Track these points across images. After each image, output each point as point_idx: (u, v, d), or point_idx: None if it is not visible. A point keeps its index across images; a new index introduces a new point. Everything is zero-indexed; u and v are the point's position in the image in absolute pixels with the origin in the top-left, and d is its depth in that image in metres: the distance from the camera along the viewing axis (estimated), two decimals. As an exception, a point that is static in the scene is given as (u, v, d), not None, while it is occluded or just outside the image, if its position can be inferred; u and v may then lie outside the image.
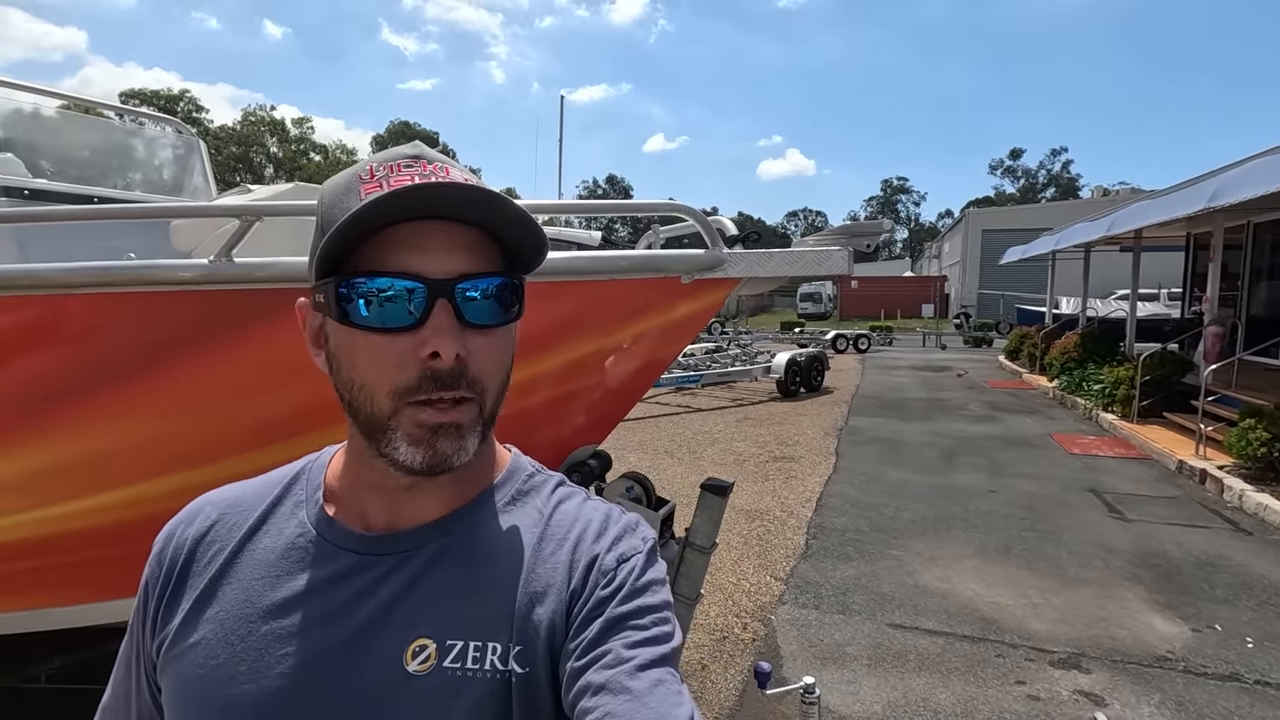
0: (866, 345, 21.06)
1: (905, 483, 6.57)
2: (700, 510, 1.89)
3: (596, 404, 1.94)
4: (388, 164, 0.61)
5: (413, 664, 0.60)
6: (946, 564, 4.61)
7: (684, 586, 1.90)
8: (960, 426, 9.31)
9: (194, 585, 0.66)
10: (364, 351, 0.59)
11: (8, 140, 2.85)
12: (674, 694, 0.56)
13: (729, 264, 1.68)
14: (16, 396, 1.71)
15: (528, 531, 0.67)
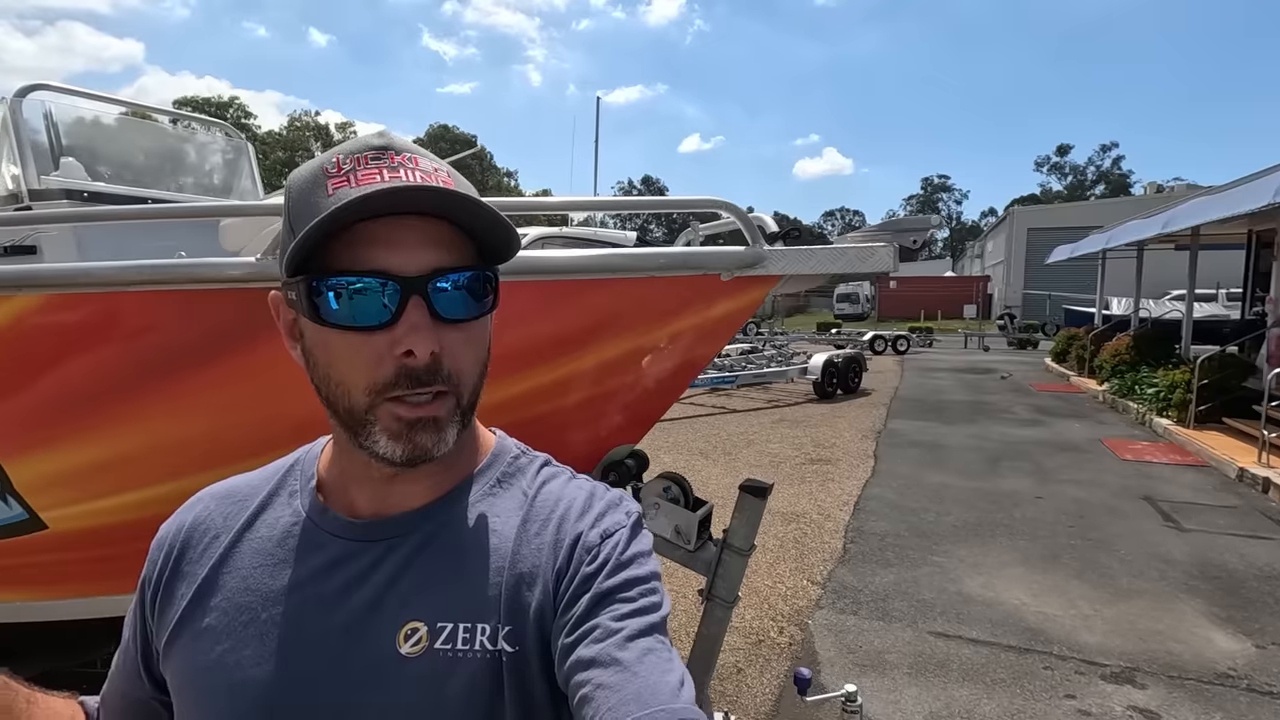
0: (905, 347, 20.64)
1: (947, 487, 6.41)
2: (739, 512, 1.86)
3: (633, 403, 1.92)
4: (354, 156, 0.60)
5: (405, 646, 0.61)
6: (990, 571, 4.47)
7: (721, 589, 1.87)
8: (1005, 430, 9.05)
9: (193, 575, 0.68)
10: (339, 349, 0.60)
11: (70, 146, 2.98)
12: (664, 661, 0.56)
13: (770, 261, 1.64)
14: (73, 391, 1.76)
15: (513, 513, 0.68)
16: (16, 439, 1.81)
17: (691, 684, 0.57)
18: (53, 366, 1.71)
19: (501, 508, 0.69)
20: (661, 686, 0.54)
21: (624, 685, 0.54)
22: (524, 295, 1.67)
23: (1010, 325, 24.72)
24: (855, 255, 1.60)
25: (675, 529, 1.90)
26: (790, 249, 1.64)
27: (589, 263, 1.63)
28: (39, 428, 1.79)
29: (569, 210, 1.99)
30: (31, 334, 1.69)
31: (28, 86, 2.84)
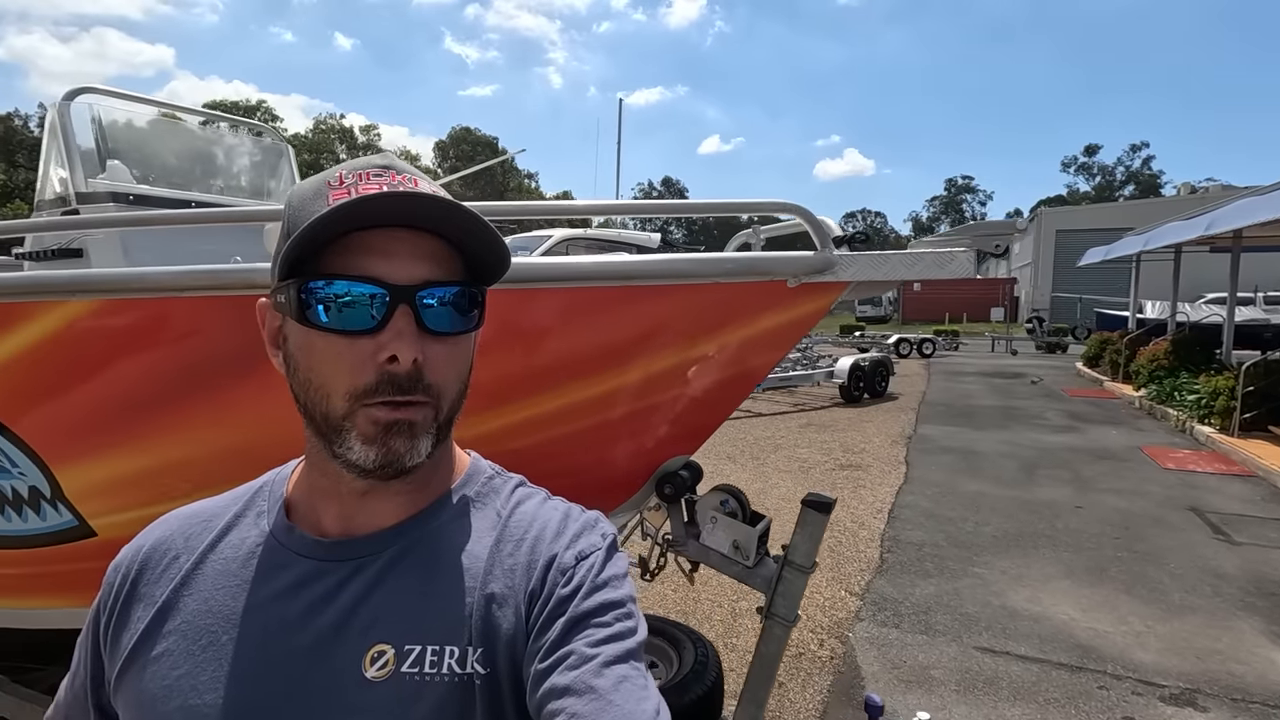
0: (931, 350, 20.33)
1: (983, 495, 6.26)
2: (801, 527, 1.79)
3: (689, 413, 1.86)
4: (357, 172, 0.62)
5: (371, 670, 0.59)
6: (1035, 584, 4.34)
7: (781, 607, 1.80)
8: (1038, 437, 8.84)
9: (151, 598, 0.66)
10: (323, 353, 0.60)
11: (115, 148, 2.98)
12: (639, 689, 0.56)
13: (840, 267, 1.57)
14: (122, 398, 1.74)
15: (486, 534, 0.67)
16: (67, 446, 1.79)
17: (667, 713, 0.56)
18: (103, 373, 1.69)
19: (475, 528, 0.67)
20: (638, 715, 0.53)
21: (599, 715, 0.53)
22: (583, 301, 1.61)
23: (1039, 328, 24.25)
24: (933, 260, 1.52)
25: (733, 544, 1.83)
26: (862, 254, 1.57)
27: (651, 269, 1.57)
28: (89, 435, 1.77)
29: (629, 214, 1.93)
30: (83, 340, 1.67)
31: (75, 90, 2.85)
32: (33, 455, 1.78)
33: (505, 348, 1.63)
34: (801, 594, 1.81)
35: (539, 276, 1.56)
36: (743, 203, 1.67)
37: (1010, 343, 22.50)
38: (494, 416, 1.70)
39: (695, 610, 3.95)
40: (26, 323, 1.67)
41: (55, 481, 1.80)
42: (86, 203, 2.70)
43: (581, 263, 1.59)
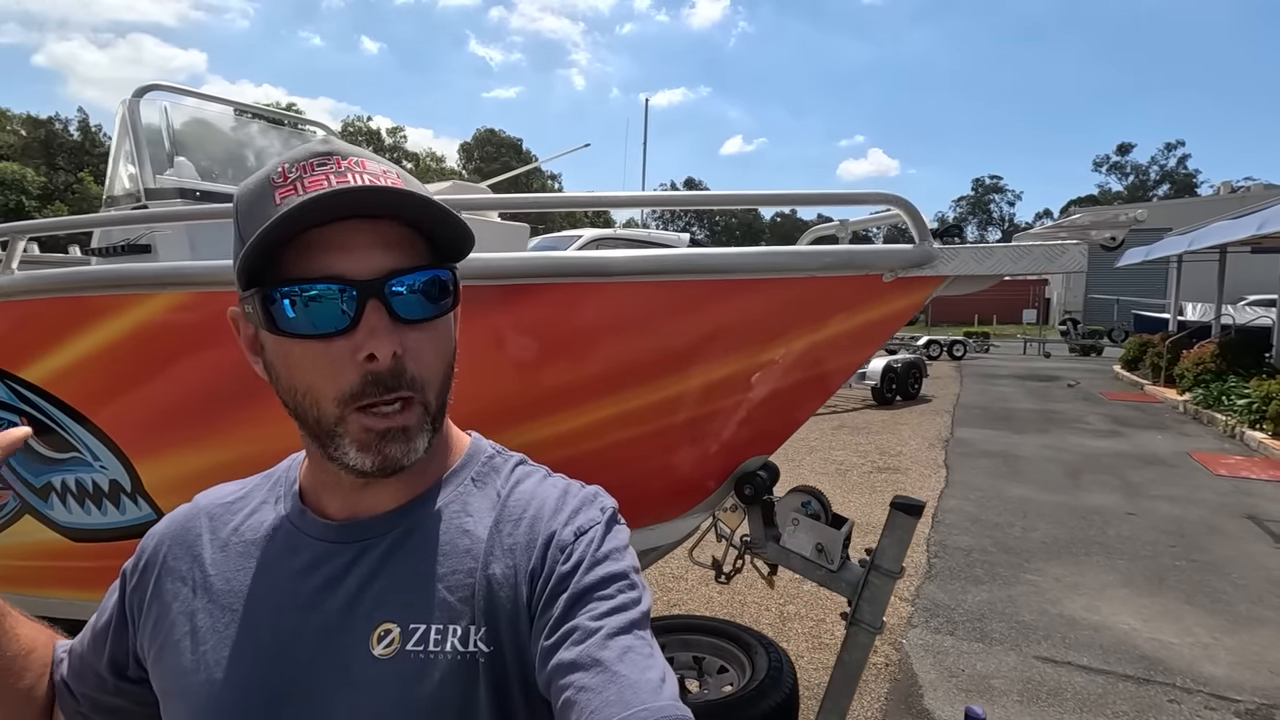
0: (962, 352, 20.03)
1: (1029, 500, 6.11)
2: (889, 531, 1.73)
3: (770, 412, 1.81)
4: (300, 164, 0.59)
5: (378, 648, 0.61)
6: (1092, 593, 4.21)
7: (867, 613, 1.74)
8: (1081, 441, 8.63)
9: (181, 574, 0.69)
10: (301, 359, 0.59)
11: (181, 145, 3.01)
12: (644, 658, 0.56)
13: (940, 261, 1.52)
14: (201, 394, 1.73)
15: (486, 513, 0.68)
16: (148, 440, 1.79)
17: (674, 679, 0.56)
18: (185, 368, 1.68)
19: (475, 508, 0.68)
20: (643, 685, 0.53)
21: (605, 686, 0.53)
22: (672, 296, 1.57)
23: (1073, 331, 23.74)
24: (1042, 255, 1.46)
25: (817, 547, 1.78)
26: (964, 247, 1.51)
27: (745, 263, 1.53)
28: (169, 429, 1.77)
29: (703, 206, 1.88)
30: (166, 334, 1.67)
31: (144, 87, 2.88)
32: (115, 449, 1.78)
33: (597, 342, 1.59)
34: (888, 600, 1.75)
35: (631, 270, 1.53)
36: (838, 194, 1.62)
37: (1043, 345, 22.07)
38: (579, 414, 1.67)
39: (742, 614, 3.90)
40: (112, 316, 1.68)
41: (135, 475, 1.80)
42: (156, 198, 2.73)
43: (676, 256, 1.55)
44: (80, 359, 1.74)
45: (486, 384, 1.61)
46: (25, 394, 1.79)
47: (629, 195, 1.90)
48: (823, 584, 1.79)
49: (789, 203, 1.61)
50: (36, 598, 2.14)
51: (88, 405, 1.77)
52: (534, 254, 1.66)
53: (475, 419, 1.63)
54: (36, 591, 2.12)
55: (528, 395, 1.67)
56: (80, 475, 1.84)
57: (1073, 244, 1.43)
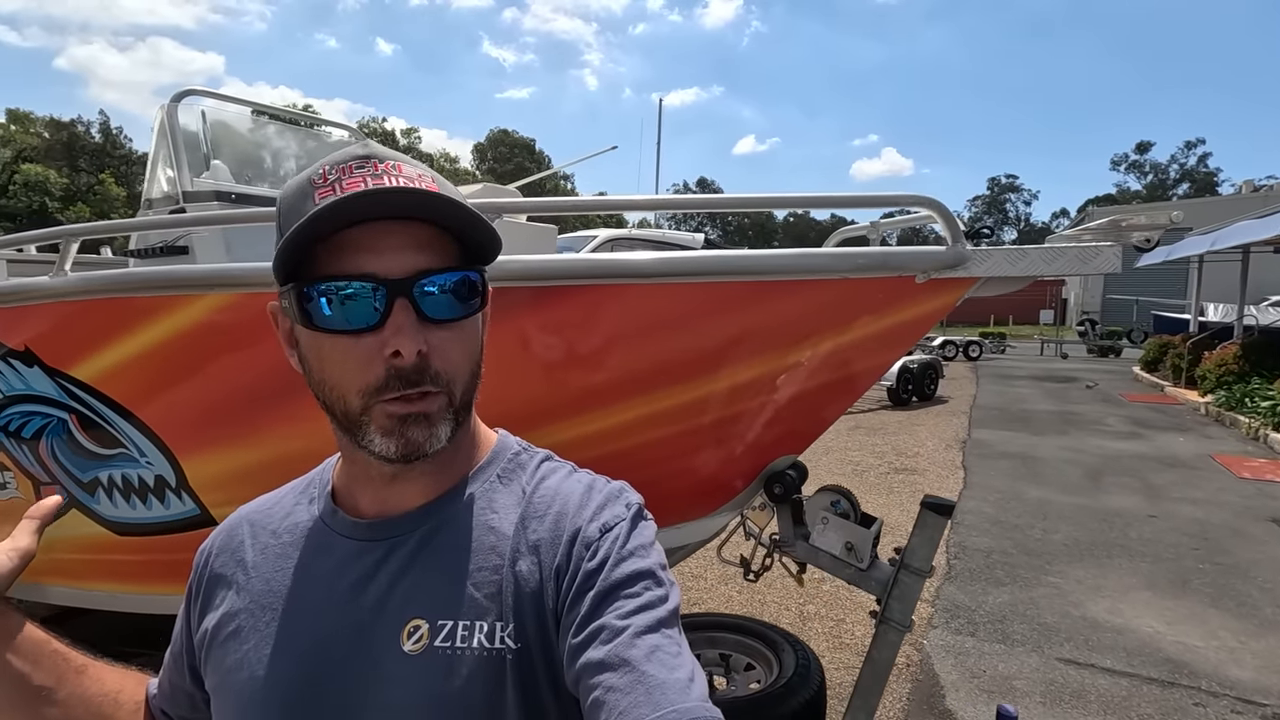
0: (978, 353, 19.87)
1: (1048, 502, 6.07)
2: (919, 530, 1.75)
3: (799, 412, 1.83)
4: (340, 166, 0.62)
5: (408, 644, 0.62)
6: (1115, 595, 4.19)
7: (896, 611, 1.76)
8: (1101, 443, 8.55)
9: (227, 580, 0.72)
10: (330, 353, 0.62)
11: (217, 149, 3.08)
12: (671, 657, 0.56)
13: (973, 262, 1.53)
14: (245, 392, 1.78)
15: (512, 509, 0.69)
16: (192, 437, 1.84)
17: (703, 677, 0.56)
18: (230, 366, 1.73)
19: (501, 504, 0.69)
20: (671, 684, 0.54)
21: (633, 687, 0.53)
22: (705, 297, 1.60)
23: (1091, 331, 23.49)
24: (1076, 256, 1.47)
25: (846, 545, 1.79)
26: (997, 249, 1.52)
27: (777, 263, 1.55)
28: (214, 426, 1.81)
29: (732, 209, 1.91)
30: (212, 334, 1.71)
31: (182, 91, 2.94)
32: (161, 445, 1.83)
33: (627, 343, 1.62)
34: (917, 599, 1.77)
35: (664, 272, 1.55)
36: (870, 196, 1.64)
37: (1060, 346, 21.85)
38: (609, 414, 1.70)
39: (762, 613, 3.91)
40: (158, 317, 1.73)
41: (180, 471, 1.85)
42: (193, 201, 2.79)
43: (709, 258, 1.58)
44: (128, 358, 1.79)
45: (517, 385, 1.64)
46: (75, 391, 1.85)
47: (653, 198, 1.93)
48: (852, 582, 1.81)
49: (816, 205, 1.63)
50: (80, 589, 2.20)
51: (135, 402, 1.82)
52: (565, 256, 1.69)
53: (505, 420, 1.66)
54: (81, 584, 2.18)
55: (558, 396, 1.70)
56: (126, 471, 1.89)
57: (1107, 245, 1.44)
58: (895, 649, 1.78)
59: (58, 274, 1.74)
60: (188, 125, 2.95)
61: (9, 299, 1.88)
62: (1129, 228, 1.46)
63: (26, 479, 2.08)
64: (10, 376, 1.94)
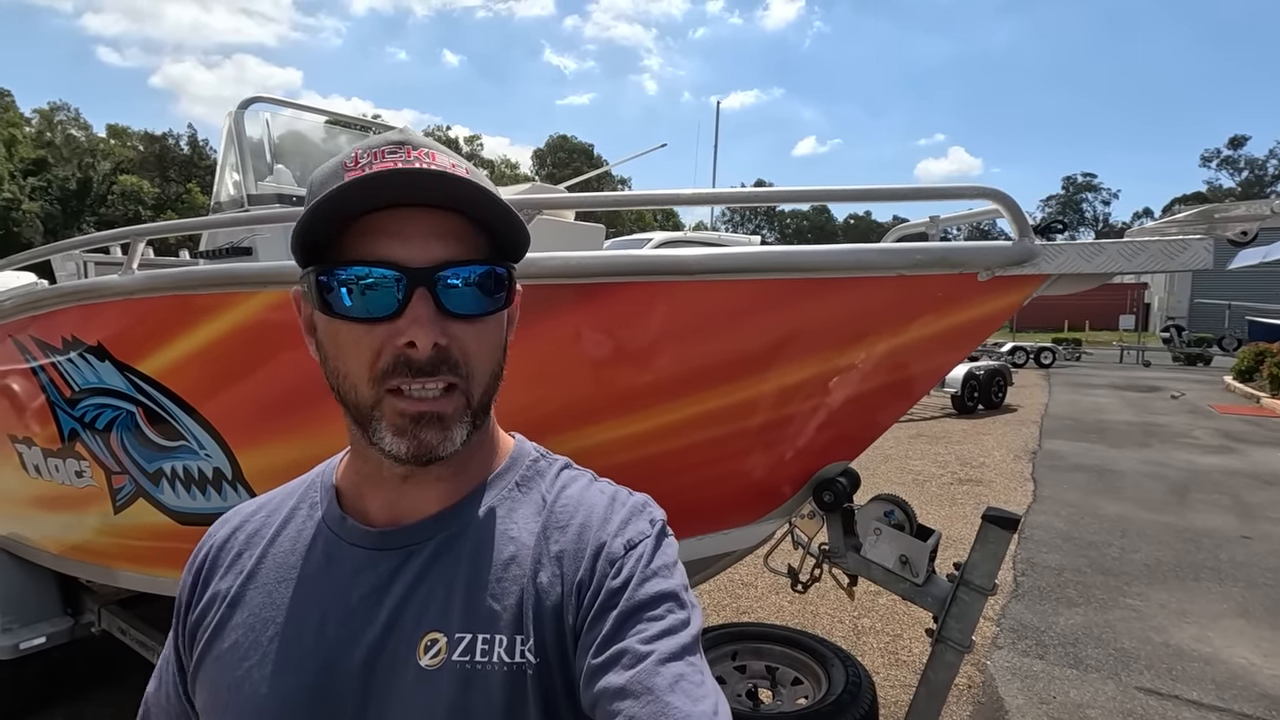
0: (1051, 360, 18.95)
1: (1127, 519, 5.70)
2: (980, 544, 1.64)
3: (853, 417, 1.74)
4: (372, 150, 0.59)
5: (425, 658, 0.59)
6: (1202, 621, 3.88)
7: (955, 631, 1.65)
8: (1188, 457, 7.99)
9: (220, 593, 0.67)
10: (345, 340, 0.59)
11: (280, 153, 3.20)
12: (695, 687, 0.54)
13: (1042, 259, 1.42)
14: (300, 387, 1.81)
15: (531, 519, 0.66)
16: (248, 430, 1.89)
17: (726, 709, 0.54)
18: (287, 362, 1.77)
19: (519, 514, 0.66)
20: (695, 717, 0.52)
21: (656, 717, 0.51)
22: (755, 295, 1.54)
23: (1177, 338, 22.04)
24: (1160, 251, 1.34)
25: (900, 559, 1.70)
26: (1070, 244, 1.41)
27: (832, 259, 1.47)
28: (270, 420, 1.86)
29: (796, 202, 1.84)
30: (269, 329, 1.75)
31: (248, 99, 3.08)
32: (218, 438, 1.89)
33: (674, 342, 1.58)
34: (978, 618, 1.66)
35: (712, 269, 1.50)
36: (930, 188, 1.55)
37: (1142, 353, 20.59)
38: (654, 415, 1.66)
39: (814, 625, 3.79)
40: (217, 314, 1.78)
41: (236, 464, 1.91)
42: (257, 204, 2.90)
43: (760, 254, 1.52)
44: (189, 353, 1.85)
45: (560, 384, 1.62)
46: (142, 385, 1.93)
47: (706, 192, 1.87)
48: (906, 598, 1.71)
49: (875, 198, 1.54)
50: (147, 575, 2.30)
51: (195, 396, 1.89)
52: (611, 252, 1.66)
53: (548, 420, 1.64)
54: (148, 569, 2.28)
55: (603, 396, 1.67)
56: (188, 462, 1.96)
57: (1196, 238, 1.31)
58: (953, 670, 1.67)
59: (126, 272, 1.82)
60: (253, 131, 3.08)
61: (84, 296, 1.98)
62: (1224, 219, 1.33)
63: (100, 468, 2.18)
64: (86, 370, 2.05)
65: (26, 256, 2.46)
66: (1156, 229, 1.40)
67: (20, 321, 2.20)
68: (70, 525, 2.45)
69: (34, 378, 2.22)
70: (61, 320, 2.06)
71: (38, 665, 2.86)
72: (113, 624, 2.74)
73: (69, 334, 2.04)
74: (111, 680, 3.28)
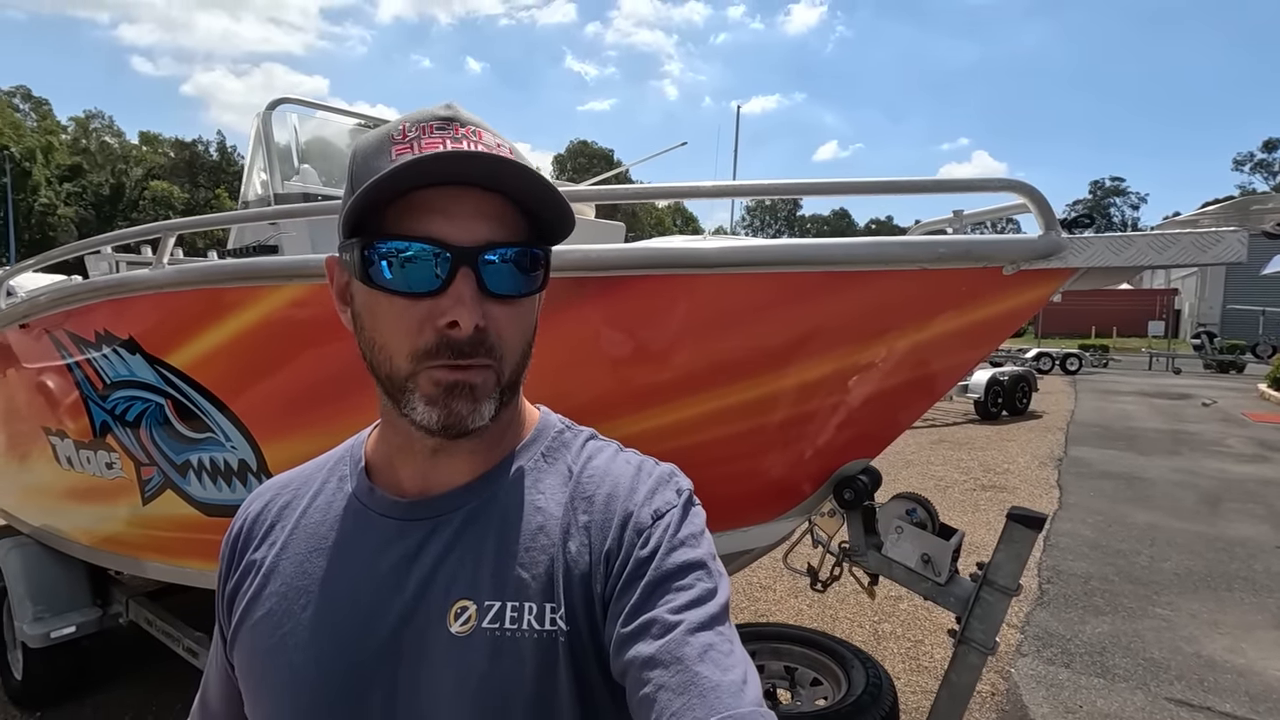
0: (1077, 366, 18.60)
1: (1157, 527, 5.56)
2: (1005, 544, 1.61)
3: (874, 413, 1.73)
4: (420, 125, 0.60)
5: (455, 625, 0.60)
6: (1235, 633, 3.77)
7: (978, 632, 1.62)
8: (1221, 466, 7.79)
9: (257, 564, 0.69)
10: (385, 313, 0.60)
11: (306, 154, 3.26)
12: (724, 656, 0.54)
13: (1070, 252, 1.39)
14: (325, 380, 1.83)
15: (558, 489, 0.67)
16: (273, 422, 1.92)
17: (756, 678, 0.55)
18: (311, 356, 1.79)
19: (547, 484, 0.67)
20: (724, 687, 0.52)
21: (686, 687, 0.52)
22: (766, 288, 1.53)
23: (1208, 344, 21.53)
24: (1192, 243, 1.31)
25: (923, 558, 1.67)
26: (1099, 237, 1.38)
27: (853, 253, 1.46)
28: (294, 413, 1.88)
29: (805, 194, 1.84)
30: (294, 324, 1.78)
31: (276, 101, 3.14)
32: (244, 430, 1.92)
33: (692, 336, 1.57)
34: (1002, 619, 1.63)
35: (728, 262, 1.50)
36: (956, 180, 1.53)
37: (1172, 360, 20.15)
38: (671, 409, 1.65)
39: (833, 629, 3.75)
40: (242, 308, 1.81)
41: (261, 455, 1.94)
42: (283, 203, 2.96)
43: (779, 247, 1.51)
44: (215, 347, 1.89)
45: (577, 377, 1.62)
46: (171, 378, 1.97)
47: (727, 185, 1.85)
48: (928, 597, 1.68)
49: (896, 190, 1.52)
50: (175, 566, 2.34)
51: (222, 389, 1.92)
52: (631, 245, 1.66)
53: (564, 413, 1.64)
54: (176, 561, 2.32)
55: (617, 389, 1.67)
56: (214, 454, 2.00)
57: (1229, 230, 1.28)
58: (976, 672, 1.65)
59: (156, 267, 1.86)
60: (280, 133, 3.14)
61: (117, 291, 2.03)
62: (1260, 211, 1.29)
63: (130, 460, 2.23)
64: (117, 364, 2.09)
65: (61, 253, 2.53)
66: (1189, 221, 1.37)
67: (56, 316, 2.26)
68: (100, 516, 2.51)
69: (68, 372, 2.28)
70: (95, 315, 2.11)
71: (68, 655, 2.93)
72: (140, 615, 2.79)
73: (102, 328, 2.09)
74: (137, 673, 3.34)
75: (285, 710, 0.63)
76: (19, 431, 2.78)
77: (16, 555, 2.91)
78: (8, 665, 3.10)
